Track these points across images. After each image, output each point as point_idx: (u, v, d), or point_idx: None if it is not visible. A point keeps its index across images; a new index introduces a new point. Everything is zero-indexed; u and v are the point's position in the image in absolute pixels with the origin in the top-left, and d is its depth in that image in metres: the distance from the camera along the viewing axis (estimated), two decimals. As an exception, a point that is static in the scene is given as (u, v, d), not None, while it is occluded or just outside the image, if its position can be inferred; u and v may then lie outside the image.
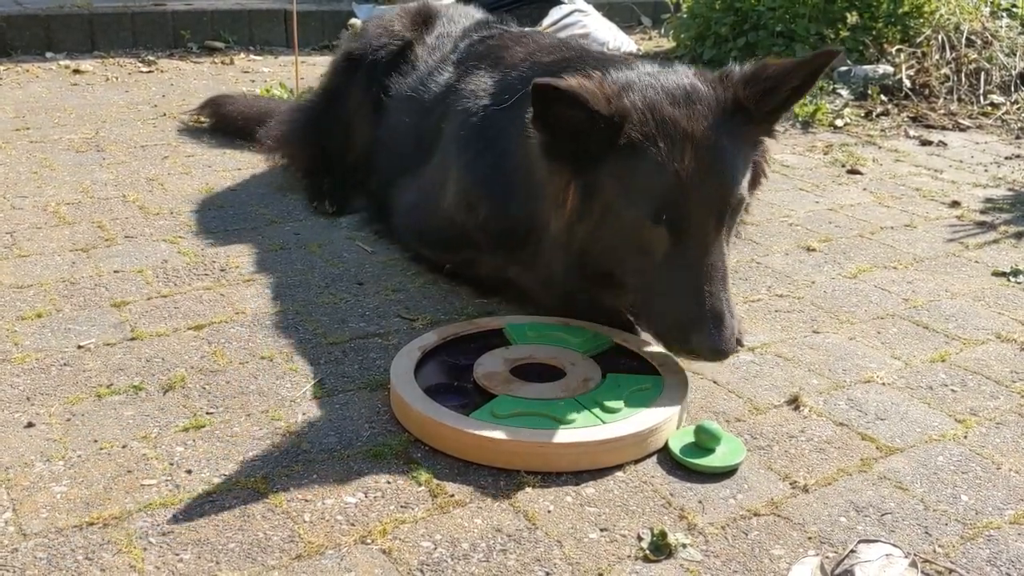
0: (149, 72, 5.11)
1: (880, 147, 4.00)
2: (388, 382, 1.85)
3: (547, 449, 1.65)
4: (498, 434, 1.65)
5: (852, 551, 1.44)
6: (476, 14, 3.12)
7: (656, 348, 1.97)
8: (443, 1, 3.60)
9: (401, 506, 1.55)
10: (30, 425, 1.74)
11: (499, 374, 1.86)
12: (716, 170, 1.83)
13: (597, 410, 1.75)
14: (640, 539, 1.48)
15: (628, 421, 1.71)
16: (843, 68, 5.00)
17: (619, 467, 1.67)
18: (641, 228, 1.84)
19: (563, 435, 1.66)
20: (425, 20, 3.06)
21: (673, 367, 1.92)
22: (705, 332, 1.76)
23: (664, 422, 1.73)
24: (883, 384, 2.00)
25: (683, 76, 1.96)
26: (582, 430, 1.68)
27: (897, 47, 5.05)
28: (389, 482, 1.61)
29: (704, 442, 1.70)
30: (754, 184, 2.06)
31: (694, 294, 1.79)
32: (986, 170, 3.69)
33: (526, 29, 2.95)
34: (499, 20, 3.04)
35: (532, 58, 2.43)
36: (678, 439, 1.74)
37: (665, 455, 1.72)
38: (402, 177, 2.66)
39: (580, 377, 1.86)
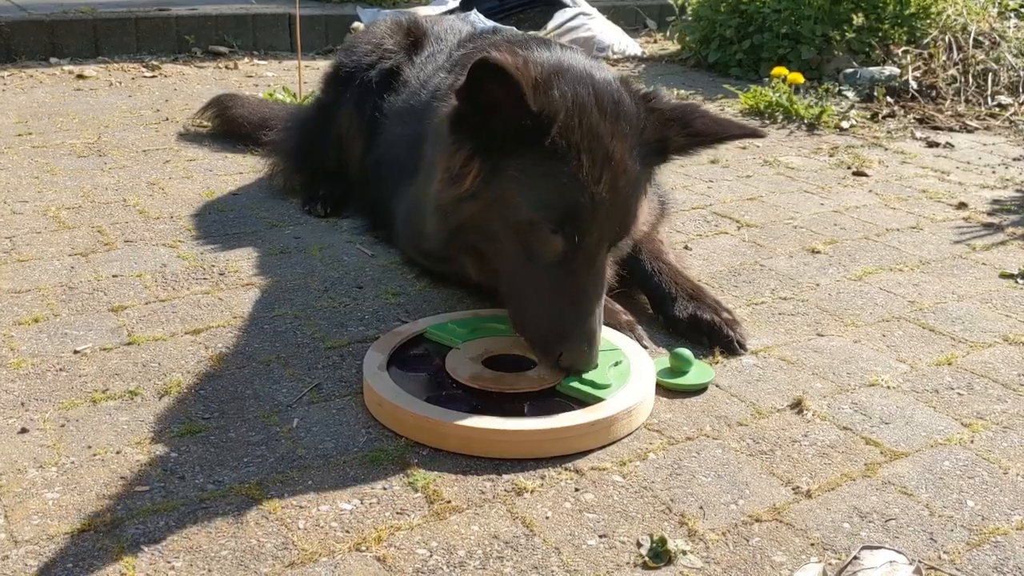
0: (152, 77, 5.11)
1: (886, 149, 3.97)
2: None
3: (599, 426, 1.72)
4: (582, 418, 1.72)
5: (855, 558, 1.42)
6: (465, 27, 3.03)
7: None
8: (443, 7, 3.56)
9: (397, 513, 1.53)
10: (23, 431, 1.73)
11: (483, 374, 1.88)
12: (624, 198, 1.83)
13: (589, 388, 1.81)
14: (639, 545, 1.46)
15: (626, 393, 1.79)
16: (849, 70, 4.97)
17: (618, 472, 1.65)
18: (537, 231, 1.81)
19: (587, 414, 1.73)
20: (415, 37, 2.98)
21: (628, 341, 2.02)
22: (578, 349, 1.79)
23: (650, 392, 1.86)
24: (888, 388, 1.97)
25: (611, 81, 1.91)
26: (600, 406, 1.75)
27: (903, 48, 5.01)
28: (385, 488, 1.59)
29: (678, 366, 1.94)
30: (663, 216, 2.22)
31: (574, 308, 1.81)
32: (993, 171, 3.66)
33: (509, 33, 2.89)
34: (492, 31, 2.97)
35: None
36: (656, 365, 1.94)
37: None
38: (400, 187, 2.64)
39: None
